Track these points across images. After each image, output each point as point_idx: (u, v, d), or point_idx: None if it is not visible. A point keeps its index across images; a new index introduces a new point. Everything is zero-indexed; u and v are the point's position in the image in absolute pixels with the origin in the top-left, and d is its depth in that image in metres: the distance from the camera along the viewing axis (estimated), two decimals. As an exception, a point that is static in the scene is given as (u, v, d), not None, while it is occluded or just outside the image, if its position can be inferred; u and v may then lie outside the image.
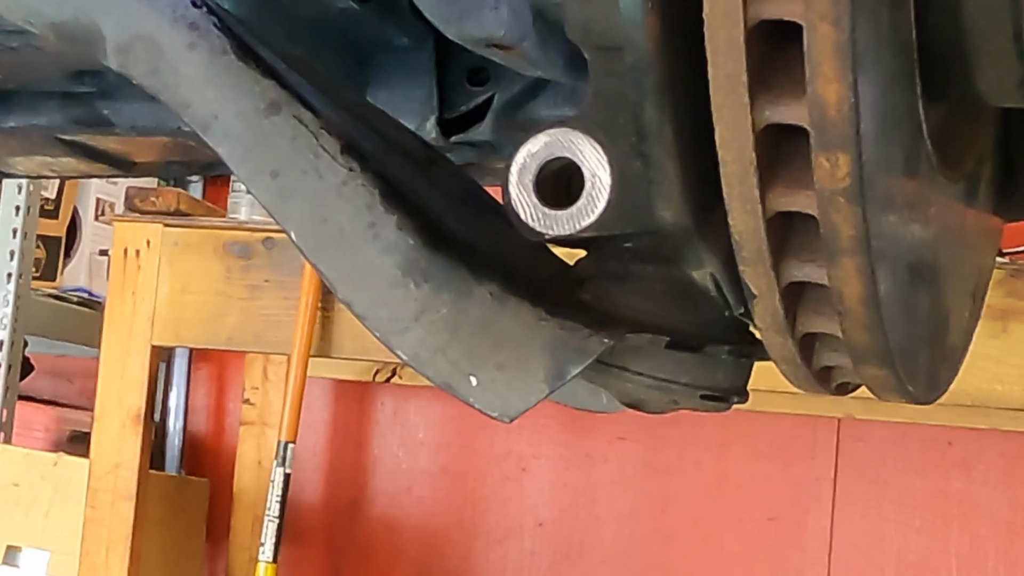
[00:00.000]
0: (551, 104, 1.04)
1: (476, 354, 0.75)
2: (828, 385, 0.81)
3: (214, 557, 3.27)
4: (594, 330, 0.75)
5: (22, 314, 3.06)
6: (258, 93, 0.78)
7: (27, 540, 2.92)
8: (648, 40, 0.67)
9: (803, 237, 0.68)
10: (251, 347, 2.80)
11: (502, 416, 0.75)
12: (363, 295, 0.76)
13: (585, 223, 0.73)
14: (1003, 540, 2.94)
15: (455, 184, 0.89)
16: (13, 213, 3.06)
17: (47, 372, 3.56)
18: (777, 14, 0.62)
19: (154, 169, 1.29)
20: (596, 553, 3.16)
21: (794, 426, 3.04)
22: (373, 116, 0.90)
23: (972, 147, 0.86)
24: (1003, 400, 2.30)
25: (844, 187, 0.64)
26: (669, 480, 3.12)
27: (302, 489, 3.22)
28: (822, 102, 0.62)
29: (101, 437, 2.67)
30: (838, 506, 3.03)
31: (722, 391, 0.85)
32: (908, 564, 2.98)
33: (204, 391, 3.46)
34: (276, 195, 0.77)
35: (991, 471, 2.96)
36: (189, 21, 0.79)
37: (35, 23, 0.83)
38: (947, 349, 0.88)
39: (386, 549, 3.26)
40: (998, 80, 0.78)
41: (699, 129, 0.67)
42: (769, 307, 0.71)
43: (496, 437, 3.19)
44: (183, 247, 2.65)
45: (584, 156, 0.73)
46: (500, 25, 0.82)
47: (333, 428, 3.32)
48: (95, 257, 3.49)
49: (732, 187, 0.66)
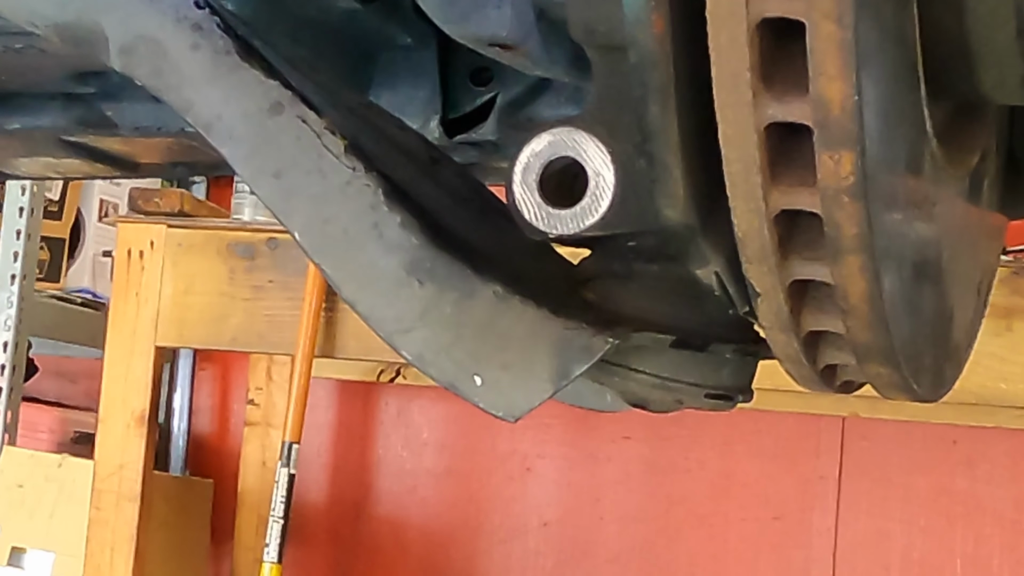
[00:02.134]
0: (554, 104, 1.04)
1: (480, 354, 0.75)
2: (832, 383, 0.81)
3: (219, 558, 3.27)
4: (598, 329, 0.75)
5: (26, 315, 3.06)
6: (261, 93, 0.78)
7: (32, 541, 2.93)
8: (652, 39, 0.67)
9: (807, 235, 0.68)
10: (255, 348, 2.81)
11: (507, 416, 0.75)
12: (367, 295, 0.76)
13: (589, 222, 0.73)
14: (1008, 538, 2.94)
15: (459, 184, 0.89)
16: (17, 214, 3.07)
17: (51, 373, 3.56)
18: (780, 12, 0.62)
19: (158, 170, 1.29)
20: (601, 553, 3.15)
21: (799, 425, 3.04)
22: (376, 116, 0.90)
23: (976, 145, 0.85)
24: (1008, 398, 2.30)
25: (848, 185, 0.64)
26: (674, 479, 3.12)
27: (307, 489, 3.22)
28: (825, 100, 0.62)
29: (105, 438, 2.67)
30: (843, 505, 3.03)
31: (727, 390, 0.85)
32: (913, 563, 2.98)
33: (208, 392, 3.46)
34: (280, 195, 0.77)
35: (996, 469, 2.95)
36: (192, 22, 0.79)
37: (38, 24, 0.83)
38: (951, 347, 0.88)
39: (391, 549, 3.26)
40: (1001, 78, 0.78)
41: (703, 128, 0.67)
42: (773, 305, 0.71)
43: (500, 437, 3.19)
44: (187, 248, 2.66)
45: (588, 155, 0.73)
46: (503, 25, 0.82)
47: (337, 428, 3.32)
48: (99, 258, 3.49)
49: (736, 185, 0.66)
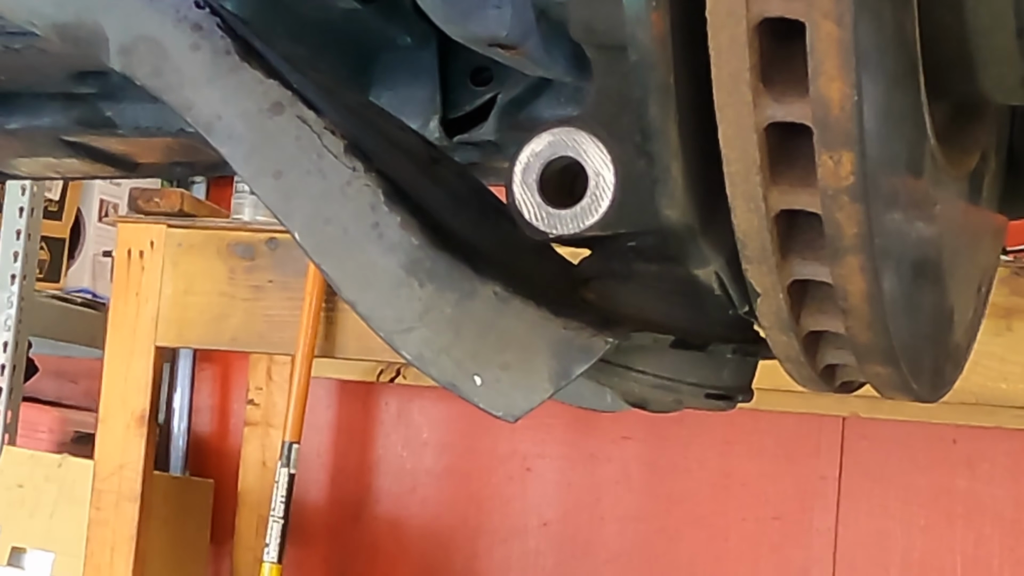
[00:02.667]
0: (554, 103, 1.04)
1: (480, 354, 0.75)
2: (832, 383, 0.81)
3: (219, 558, 3.27)
4: (598, 329, 0.75)
5: (26, 315, 3.06)
6: (261, 93, 0.78)
7: (32, 541, 2.93)
8: (652, 39, 0.67)
9: (807, 235, 0.68)
10: (255, 348, 2.81)
11: (507, 416, 0.75)
12: (367, 295, 0.76)
13: (589, 222, 0.73)
14: (1008, 538, 2.94)
15: (459, 184, 0.89)
16: (17, 214, 3.07)
17: (51, 373, 3.56)
18: (780, 12, 0.62)
19: (158, 170, 1.29)
20: (601, 552, 3.15)
21: (799, 425, 3.03)
22: (376, 116, 0.90)
23: (976, 145, 0.85)
24: (1008, 398, 2.30)
25: (848, 185, 0.64)
26: (674, 479, 3.12)
27: (306, 490, 3.22)
28: (825, 100, 0.62)
29: (105, 438, 2.67)
30: (843, 505, 3.03)
31: (727, 390, 0.85)
32: (913, 562, 2.98)
33: (208, 392, 3.46)
34: (280, 195, 0.77)
35: (996, 469, 2.95)
36: (192, 22, 0.79)
37: (38, 24, 0.83)
38: (951, 347, 0.88)
39: (391, 549, 3.26)
40: (1001, 78, 0.78)
41: (703, 128, 0.67)
42: (773, 305, 0.71)
43: (500, 437, 3.19)
44: (187, 248, 2.66)
45: (588, 155, 0.73)
46: (503, 25, 0.82)
47: (337, 428, 3.32)
48: (99, 258, 3.49)
49: (736, 185, 0.66)
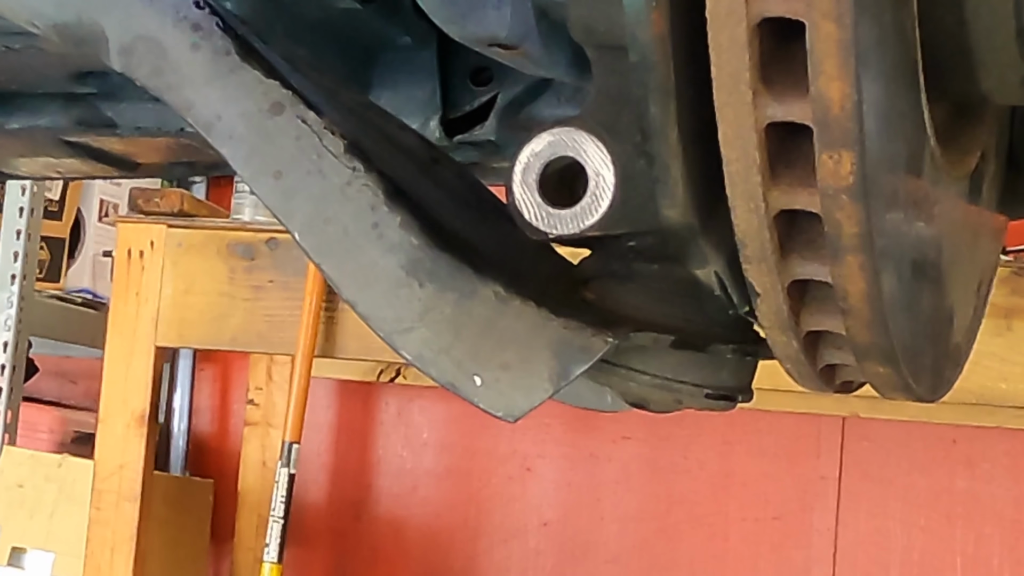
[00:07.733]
0: (554, 103, 1.04)
1: (480, 354, 0.75)
2: (832, 383, 0.81)
3: (219, 558, 3.27)
4: (598, 329, 0.75)
5: (26, 315, 3.07)
6: (261, 93, 0.78)
7: (32, 541, 2.93)
8: (651, 39, 0.67)
9: (807, 235, 0.68)
10: (255, 348, 2.81)
11: (507, 416, 0.75)
12: (367, 295, 0.76)
13: (589, 222, 0.73)
14: (1008, 538, 2.94)
15: (459, 184, 0.89)
16: (17, 214, 3.07)
17: (51, 373, 3.56)
18: (780, 12, 0.62)
19: (158, 170, 1.29)
20: (601, 553, 3.15)
21: (799, 425, 3.04)
22: (376, 116, 0.90)
23: (976, 145, 0.85)
24: (1007, 398, 2.30)
25: (848, 185, 0.64)
26: (674, 479, 3.12)
27: (307, 490, 3.22)
28: (825, 100, 0.62)
29: (105, 438, 2.67)
30: (843, 505, 3.03)
31: (727, 390, 0.85)
32: (913, 563, 2.98)
33: (208, 392, 3.46)
34: (280, 196, 0.77)
35: (996, 469, 2.95)
36: (192, 22, 0.79)
37: (38, 24, 0.83)
38: (951, 347, 0.88)
39: (391, 549, 3.26)
40: (1001, 78, 0.78)
41: (703, 128, 0.67)
42: (773, 305, 0.71)
43: (500, 437, 3.19)
44: (187, 248, 2.66)
45: (588, 155, 0.73)
46: (503, 25, 0.82)
47: (337, 428, 3.32)
48: (99, 258, 3.49)
49: (735, 185, 0.66)
